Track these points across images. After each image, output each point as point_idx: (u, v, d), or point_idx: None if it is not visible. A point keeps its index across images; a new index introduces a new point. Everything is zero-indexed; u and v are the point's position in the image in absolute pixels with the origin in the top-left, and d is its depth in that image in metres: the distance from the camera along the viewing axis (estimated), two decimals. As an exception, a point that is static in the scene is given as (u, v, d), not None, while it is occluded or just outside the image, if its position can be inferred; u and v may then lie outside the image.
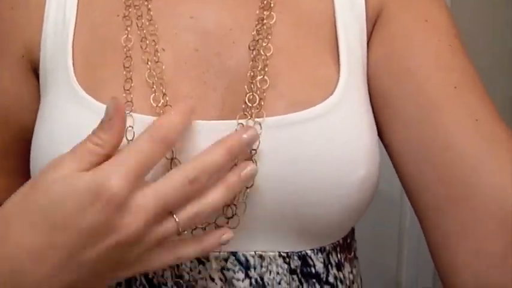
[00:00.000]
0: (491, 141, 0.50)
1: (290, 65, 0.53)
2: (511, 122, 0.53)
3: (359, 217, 0.55)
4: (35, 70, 0.57)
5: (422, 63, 0.53)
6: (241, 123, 0.50)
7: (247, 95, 0.51)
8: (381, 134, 0.56)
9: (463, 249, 0.50)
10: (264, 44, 0.53)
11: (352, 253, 0.60)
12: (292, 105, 0.51)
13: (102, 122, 0.45)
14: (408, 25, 0.55)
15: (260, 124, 0.50)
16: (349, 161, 0.51)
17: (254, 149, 0.49)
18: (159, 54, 0.53)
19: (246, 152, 0.49)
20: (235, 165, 0.48)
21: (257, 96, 0.51)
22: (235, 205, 0.50)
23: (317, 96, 0.52)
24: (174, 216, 0.45)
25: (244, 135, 0.47)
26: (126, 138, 0.49)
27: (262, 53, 0.52)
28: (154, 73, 0.52)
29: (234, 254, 0.52)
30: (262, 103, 0.51)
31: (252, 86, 0.51)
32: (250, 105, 0.51)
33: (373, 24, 0.56)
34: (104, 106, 0.49)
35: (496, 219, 0.48)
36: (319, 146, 0.50)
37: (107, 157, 0.44)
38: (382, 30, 0.56)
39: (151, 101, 0.51)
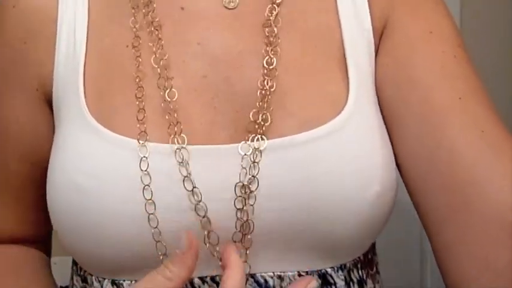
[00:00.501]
0: (497, 152, 0.50)
1: (299, 83, 0.53)
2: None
3: (378, 233, 0.55)
4: (49, 102, 0.58)
5: (427, 74, 0.53)
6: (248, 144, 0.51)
7: (255, 117, 0.51)
8: None
9: (467, 258, 0.49)
10: (272, 66, 0.53)
11: (374, 269, 0.59)
12: (303, 124, 0.51)
13: (173, 254, 0.46)
14: (412, 36, 0.55)
15: (260, 150, 0.50)
16: (363, 177, 0.51)
17: (254, 176, 0.50)
18: (171, 82, 0.53)
19: None
20: None
21: (268, 117, 0.51)
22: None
23: (327, 113, 0.52)
24: None
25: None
26: (140, 168, 0.50)
27: (268, 78, 0.52)
28: (166, 102, 0.53)
29: (252, 276, 0.52)
30: (267, 123, 0.51)
31: (260, 108, 0.51)
32: (258, 127, 0.51)
33: (380, 36, 0.57)
34: (118, 136, 0.51)
35: (500, 228, 0.48)
36: (332, 163, 0.50)
37: None
38: (387, 40, 0.56)
39: (168, 130, 0.51)
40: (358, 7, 0.56)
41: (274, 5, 0.55)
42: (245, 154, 0.50)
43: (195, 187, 0.50)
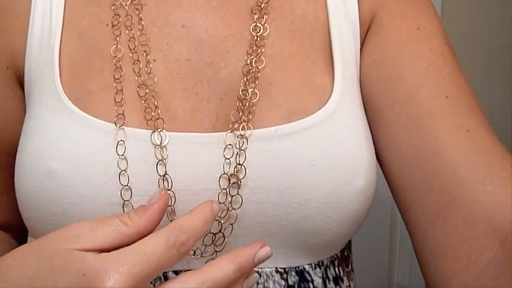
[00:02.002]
0: (482, 152, 0.50)
1: (284, 73, 0.52)
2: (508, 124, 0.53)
3: (357, 228, 0.54)
4: (20, 81, 0.55)
5: (413, 71, 0.52)
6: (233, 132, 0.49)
7: (239, 107, 0.50)
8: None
9: (452, 259, 0.49)
10: (257, 54, 0.51)
11: (350, 266, 0.59)
12: (287, 115, 0.50)
13: (141, 206, 0.44)
14: (400, 32, 0.54)
15: (246, 138, 0.49)
16: (347, 171, 0.50)
17: (240, 164, 0.48)
18: (150, 65, 0.51)
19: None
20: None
21: (253, 106, 0.50)
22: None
23: (312, 105, 0.51)
24: None
25: (258, 255, 0.44)
26: (117, 152, 0.48)
27: (254, 65, 0.51)
28: (145, 85, 0.51)
29: None
30: (251, 117, 0.50)
31: (244, 97, 0.50)
32: (241, 116, 0.50)
33: (366, 30, 0.56)
34: (95, 119, 0.49)
35: (486, 228, 0.48)
36: (316, 156, 0.49)
37: (129, 240, 0.41)
38: (374, 36, 0.55)
39: (144, 114, 0.50)
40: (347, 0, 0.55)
41: None
42: (229, 144, 0.49)
43: (166, 173, 0.48)
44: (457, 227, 0.49)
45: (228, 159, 0.49)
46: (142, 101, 0.50)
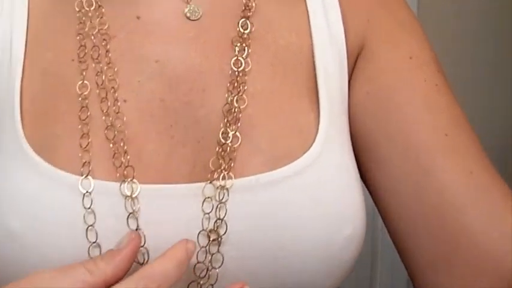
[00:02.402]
0: (486, 195, 0.48)
1: (267, 114, 0.48)
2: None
3: (347, 274, 0.50)
4: None
5: (409, 105, 0.50)
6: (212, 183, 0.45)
7: (218, 152, 0.46)
8: (364, 178, 0.52)
9: None
10: (239, 92, 0.47)
11: None
12: (270, 161, 0.46)
13: (109, 251, 0.40)
14: (393, 62, 0.51)
15: (227, 189, 0.45)
16: (334, 219, 0.47)
17: (220, 219, 0.44)
18: (119, 104, 0.47)
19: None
20: None
21: (234, 151, 0.46)
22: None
23: (296, 148, 0.47)
24: None
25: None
26: (84, 206, 0.44)
27: (235, 104, 0.47)
28: (114, 126, 0.46)
29: None
30: (232, 164, 0.45)
31: (224, 141, 0.46)
32: (221, 164, 0.45)
33: (355, 59, 0.52)
34: (58, 171, 0.44)
35: (494, 278, 0.47)
36: (300, 206, 0.45)
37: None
38: (364, 67, 0.52)
39: (113, 161, 0.45)
40: (332, 25, 0.51)
41: (246, 20, 0.49)
42: (208, 197, 0.44)
43: (138, 228, 0.44)
44: (464, 277, 0.47)
45: (207, 213, 0.44)
46: (111, 145, 0.45)
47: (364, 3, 0.53)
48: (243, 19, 0.49)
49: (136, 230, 0.44)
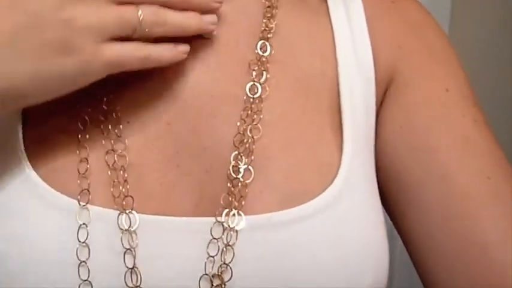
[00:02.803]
0: None
1: (284, 145, 0.43)
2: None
3: None
4: None
5: (448, 145, 0.46)
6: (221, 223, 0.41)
7: (229, 188, 0.41)
8: (392, 217, 0.48)
9: None
10: (253, 120, 0.43)
11: None
12: (285, 199, 0.42)
13: None
14: (428, 96, 0.47)
15: (237, 231, 0.40)
16: (354, 267, 0.42)
17: (225, 264, 0.40)
18: (121, 126, 0.43)
19: None
20: None
21: (245, 186, 0.42)
22: None
23: (315, 185, 0.43)
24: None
25: None
26: (78, 239, 0.40)
27: (249, 134, 0.42)
28: (114, 151, 0.42)
29: None
30: (243, 202, 0.41)
31: (235, 176, 0.42)
32: (231, 200, 0.41)
33: (384, 90, 0.48)
34: (56, 194, 0.41)
35: None
36: (318, 250, 0.41)
37: None
38: (398, 99, 0.47)
39: (112, 190, 0.41)
40: (360, 53, 0.47)
41: (265, 42, 0.45)
42: (214, 238, 0.40)
43: (135, 267, 0.40)
44: None
45: (212, 257, 0.40)
46: (109, 172, 0.42)
47: (394, 28, 0.48)
48: (262, 41, 0.45)
49: (133, 268, 0.40)
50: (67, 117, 0.43)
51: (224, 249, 0.40)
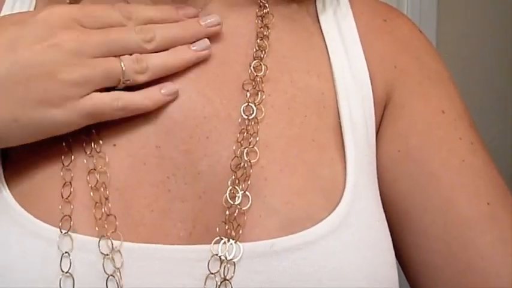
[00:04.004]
0: None
1: (283, 165, 0.41)
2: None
3: None
4: None
5: (447, 169, 0.44)
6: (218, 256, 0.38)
7: (227, 213, 0.39)
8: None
9: None
10: (250, 143, 0.41)
11: None
12: (287, 224, 0.39)
13: None
14: (425, 118, 0.46)
15: (234, 263, 0.38)
16: None
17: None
18: (100, 142, 0.41)
19: None
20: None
21: (242, 213, 0.39)
22: None
23: (319, 207, 0.40)
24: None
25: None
26: (61, 269, 0.37)
27: (246, 158, 0.40)
28: (96, 170, 0.40)
29: None
30: (240, 231, 0.39)
31: (231, 204, 0.39)
32: (227, 229, 0.38)
33: (382, 110, 0.46)
34: (37, 222, 0.39)
35: None
36: (323, 277, 0.38)
37: None
38: (394, 122, 0.46)
39: (94, 213, 0.39)
40: (356, 72, 0.45)
41: (259, 61, 0.43)
42: (211, 273, 0.37)
43: None
44: None
45: None
46: (92, 193, 0.39)
47: (388, 47, 0.47)
48: (255, 60, 0.43)
49: None
50: (50, 139, 0.40)
51: (221, 283, 0.37)
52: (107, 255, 0.38)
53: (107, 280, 0.37)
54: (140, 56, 0.40)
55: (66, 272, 0.37)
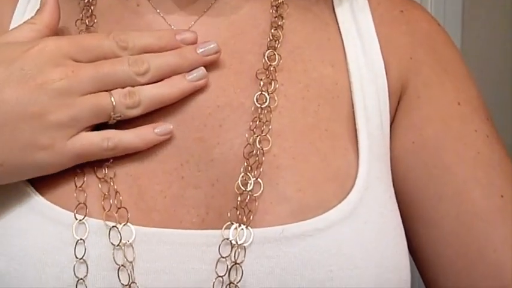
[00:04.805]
0: None
1: (296, 153, 0.41)
2: None
3: None
4: None
5: (461, 161, 0.44)
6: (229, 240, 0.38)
7: (238, 199, 0.39)
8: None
9: None
10: (262, 131, 0.41)
11: None
12: (298, 211, 0.39)
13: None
14: (440, 110, 0.45)
15: (245, 248, 0.38)
16: (373, 282, 0.39)
17: (233, 283, 0.38)
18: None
19: None
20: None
21: (255, 198, 0.39)
22: None
23: (331, 195, 0.40)
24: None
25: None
26: (75, 255, 0.38)
27: (258, 146, 0.40)
28: (113, 165, 0.40)
29: None
30: (251, 217, 0.39)
31: (243, 190, 0.39)
32: (239, 214, 0.39)
33: (397, 101, 0.46)
34: (53, 207, 0.39)
35: None
36: (333, 265, 0.38)
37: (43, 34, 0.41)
38: (409, 113, 0.45)
39: (104, 202, 0.40)
40: (372, 63, 0.45)
41: (273, 51, 0.43)
42: (222, 257, 0.38)
43: (133, 282, 0.38)
44: None
45: (221, 276, 0.37)
46: (99, 185, 0.40)
47: (405, 38, 0.47)
48: (269, 50, 0.44)
49: (130, 284, 0.37)
50: None
51: (232, 267, 0.37)
52: (120, 241, 0.38)
53: (118, 270, 0.38)
54: (132, 89, 0.40)
55: (81, 259, 0.38)
